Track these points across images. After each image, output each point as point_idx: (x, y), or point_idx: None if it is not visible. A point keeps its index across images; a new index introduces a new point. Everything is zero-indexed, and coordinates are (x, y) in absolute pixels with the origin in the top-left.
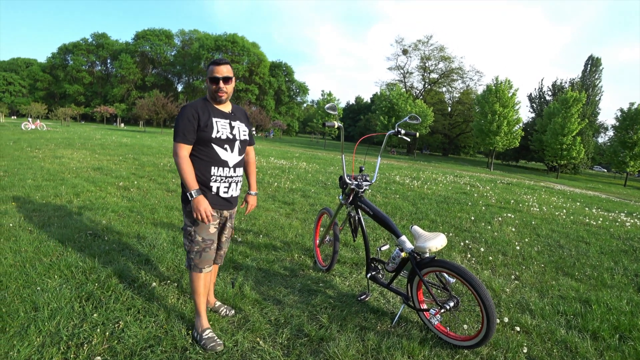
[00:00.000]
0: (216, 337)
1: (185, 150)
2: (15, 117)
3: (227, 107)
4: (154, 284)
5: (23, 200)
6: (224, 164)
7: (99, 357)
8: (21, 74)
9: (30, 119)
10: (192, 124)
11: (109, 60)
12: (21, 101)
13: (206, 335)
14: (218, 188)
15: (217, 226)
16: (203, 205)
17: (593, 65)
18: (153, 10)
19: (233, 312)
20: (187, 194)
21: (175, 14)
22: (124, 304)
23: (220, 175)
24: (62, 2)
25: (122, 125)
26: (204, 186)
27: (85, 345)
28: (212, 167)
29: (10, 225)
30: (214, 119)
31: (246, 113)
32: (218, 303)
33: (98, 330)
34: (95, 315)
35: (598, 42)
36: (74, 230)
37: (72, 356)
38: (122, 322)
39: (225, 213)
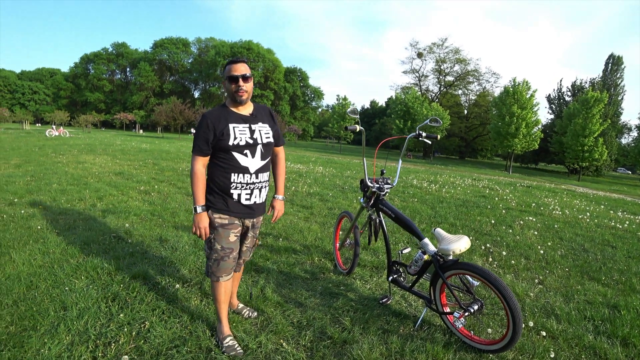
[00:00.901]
0: (236, 345)
1: (200, 162)
2: (39, 125)
3: (247, 109)
4: (177, 285)
5: (49, 203)
6: (244, 170)
7: (126, 356)
8: (45, 83)
9: (54, 126)
10: (207, 135)
11: (128, 69)
12: (45, 109)
13: (227, 343)
14: (239, 195)
15: (237, 234)
16: (203, 223)
17: (614, 64)
18: (171, 19)
19: (255, 314)
20: (193, 207)
21: (192, 22)
22: (148, 305)
23: (240, 182)
24: (84, 13)
25: (141, 131)
26: (225, 193)
27: (113, 344)
28: (232, 174)
29: (39, 227)
30: (231, 125)
31: (271, 112)
32: (241, 305)
33: (125, 329)
34: (121, 315)
35: (619, 40)
36: (99, 232)
37: (100, 355)
38: (148, 322)
39: (247, 222)
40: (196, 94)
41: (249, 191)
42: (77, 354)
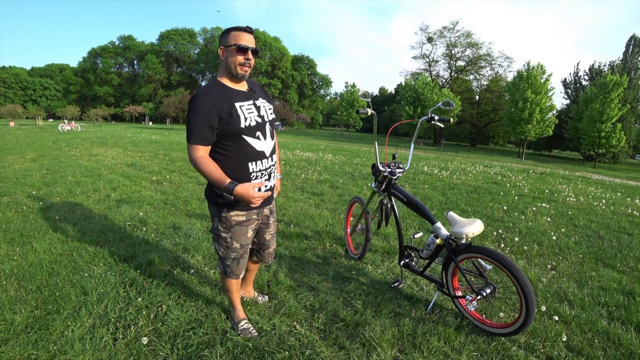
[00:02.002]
0: (251, 328)
1: (202, 151)
2: (52, 120)
3: (244, 85)
4: (192, 270)
5: (65, 195)
6: (261, 155)
7: (145, 338)
8: (55, 78)
9: (65, 121)
10: (209, 119)
11: (135, 62)
12: (57, 104)
13: (242, 326)
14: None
15: (254, 229)
16: (248, 190)
17: (636, 45)
18: (176, 10)
19: (267, 298)
20: (223, 193)
21: (197, 12)
22: (165, 290)
23: (260, 170)
24: (90, 7)
25: (151, 123)
26: None
27: (132, 326)
28: (250, 164)
29: (57, 218)
30: (237, 104)
31: (261, 86)
32: (256, 293)
33: (143, 313)
34: (139, 299)
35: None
36: (114, 221)
37: (120, 336)
38: (165, 306)
39: (266, 211)
40: (204, 84)
41: (267, 176)
42: (99, 336)
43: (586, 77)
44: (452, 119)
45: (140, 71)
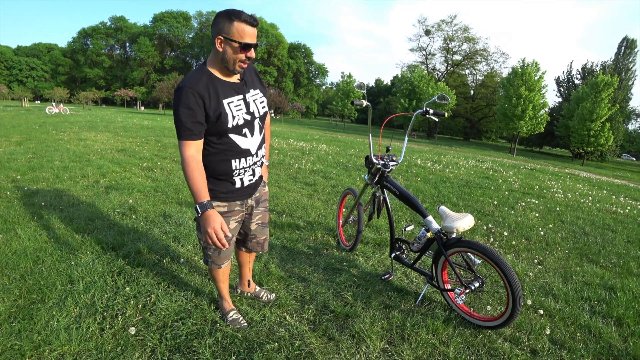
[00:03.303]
0: (241, 318)
1: (194, 148)
2: (39, 102)
3: (235, 76)
4: (182, 260)
5: (52, 180)
6: (245, 153)
7: (133, 328)
8: (43, 59)
9: (53, 103)
10: (197, 112)
11: (127, 44)
12: (44, 86)
13: (231, 317)
14: (242, 180)
15: (238, 220)
16: (213, 223)
17: (628, 47)
18: None
19: (274, 295)
20: (194, 206)
21: None
22: (154, 279)
23: (243, 167)
24: None
25: (142, 108)
26: (225, 182)
27: (120, 316)
28: (233, 161)
29: (42, 204)
30: (225, 102)
31: (256, 70)
32: (258, 288)
33: (131, 302)
34: (127, 288)
35: (634, 22)
36: (102, 209)
37: (107, 326)
38: (154, 295)
39: (250, 201)
40: None
41: (251, 172)
42: (85, 326)
43: (579, 76)
44: (446, 113)
45: (132, 54)
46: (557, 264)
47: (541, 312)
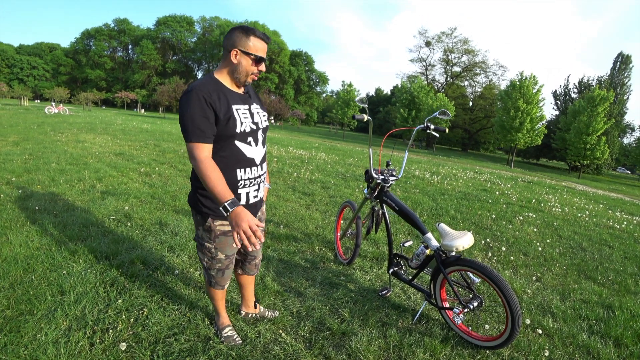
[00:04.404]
0: (235, 335)
1: (206, 151)
2: (38, 101)
3: (241, 88)
4: (177, 271)
5: (48, 183)
6: (250, 163)
7: (124, 343)
8: (45, 58)
9: (53, 103)
10: (207, 114)
11: (130, 46)
12: (44, 85)
13: (226, 333)
14: (247, 194)
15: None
16: (246, 218)
17: (623, 62)
18: None
19: (277, 313)
20: (220, 207)
21: (196, 0)
22: (147, 291)
23: (248, 178)
24: None
25: (142, 111)
26: None
27: (111, 330)
28: (238, 170)
29: (36, 208)
30: (234, 107)
31: (253, 89)
32: (262, 309)
33: (123, 316)
34: (119, 301)
35: (629, 38)
36: (97, 215)
37: (97, 341)
38: (146, 309)
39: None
40: (199, 75)
41: (256, 186)
42: (75, 340)
43: (575, 90)
44: (447, 129)
45: (134, 56)
46: (555, 281)
47: (540, 331)
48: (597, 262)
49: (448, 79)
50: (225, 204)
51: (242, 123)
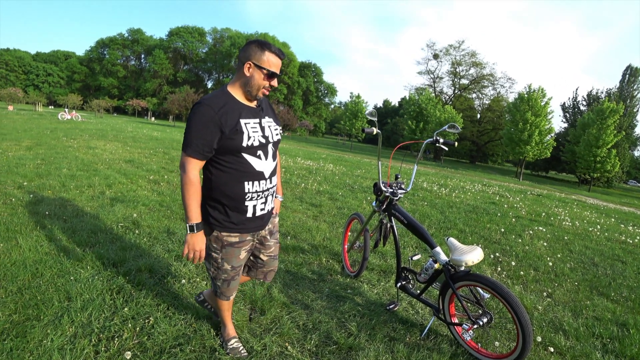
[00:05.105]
0: (241, 348)
1: (197, 167)
2: (52, 107)
3: (254, 102)
4: (184, 281)
5: (58, 188)
6: (259, 176)
7: (129, 352)
8: (60, 65)
9: (66, 110)
10: (211, 132)
11: (142, 56)
12: (59, 92)
13: (231, 344)
14: (254, 207)
15: (248, 250)
16: (200, 245)
17: (632, 75)
18: (187, 7)
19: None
20: (187, 225)
21: (208, 12)
22: (153, 300)
23: (256, 191)
24: None
25: (153, 119)
26: (236, 207)
27: (116, 339)
28: (246, 183)
29: (46, 213)
30: (243, 121)
31: (270, 103)
32: None
33: (129, 324)
34: (125, 309)
35: (638, 51)
36: (106, 221)
37: (102, 349)
38: (152, 318)
39: (262, 232)
40: (209, 84)
41: (263, 199)
42: (80, 347)
43: (584, 103)
44: (456, 143)
45: (146, 65)
46: (566, 297)
47: (551, 349)
48: (609, 278)
49: (456, 91)
50: (193, 224)
51: (249, 137)
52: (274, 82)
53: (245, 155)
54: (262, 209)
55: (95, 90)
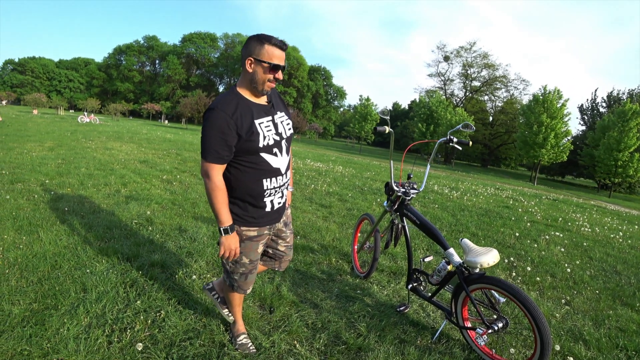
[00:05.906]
0: (250, 344)
1: (220, 172)
2: (72, 111)
3: (264, 98)
4: (194, 276)
5: (77, 186)
6: (276, 172)
7: (140, 344)
8: (80, 71)
9: (85, 113)
10: (227, 136)
11: (157, 61)
12: (79, 96)
13: (240, 340)
14: (272, 202)
15: (265, 243)
16: (235, 243)
17: None
18: (199, 14)
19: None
20: (222, 228)
21: (220, 18)
22: (165, 294)
23: (274, 187)
24: (119, 5)
25: (166, 121)
26: (256, 204)
27: (129, 330)
28: (265, 180)
29: (66, 209)
30: (257, 122)
31: (279, 94)
32: None
33: (141, 317)
34: (138, 302)
35: None
36: (121, 218)
37: (115, 339)
38: (163, 311)
39: (279, 225)
40: (221, 88)
41: (280, 194)
42: (94, 337)
43: (604, 104)
44: (470, 142)
45: (161, 70)
46: (586, 306)
47: (571, 359)
48: (634, 288)
49: (467, 94)
50: (227, 227)
51: (265, 137)
52: (279, 75)
53: (263, 155)
54: (279, 203)
55: (112, 94)
